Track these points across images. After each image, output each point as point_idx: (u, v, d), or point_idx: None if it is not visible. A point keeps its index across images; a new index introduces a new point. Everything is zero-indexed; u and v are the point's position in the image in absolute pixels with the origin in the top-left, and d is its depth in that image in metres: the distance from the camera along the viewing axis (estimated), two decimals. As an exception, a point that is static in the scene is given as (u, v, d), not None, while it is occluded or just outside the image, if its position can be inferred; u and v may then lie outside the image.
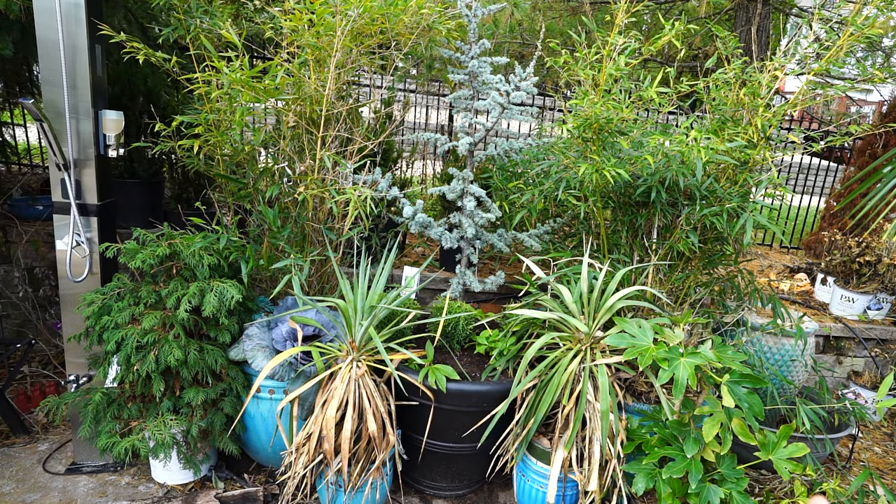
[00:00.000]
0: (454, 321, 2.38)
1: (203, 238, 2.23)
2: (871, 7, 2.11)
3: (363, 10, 2.14)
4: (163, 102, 3.31)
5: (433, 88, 5.34)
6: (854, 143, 4.92)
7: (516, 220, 2.58)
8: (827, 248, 3.82)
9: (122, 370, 2.11)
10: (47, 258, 3.22)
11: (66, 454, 2.44)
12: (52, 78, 2.03)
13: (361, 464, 2.03)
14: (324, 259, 2.56)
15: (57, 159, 2.07)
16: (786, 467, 1.87)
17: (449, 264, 3.27)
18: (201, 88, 2.23)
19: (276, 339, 2.26)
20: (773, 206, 2.30)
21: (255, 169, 2.49)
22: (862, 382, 3.41)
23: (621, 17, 2.17)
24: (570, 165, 2.29)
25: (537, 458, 2.21)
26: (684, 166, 2.07)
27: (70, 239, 2.15)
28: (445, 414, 2.19)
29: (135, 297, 2.17)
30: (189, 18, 2.25)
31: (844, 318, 3.62)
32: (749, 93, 2.20)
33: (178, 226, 2.46)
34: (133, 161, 3.32)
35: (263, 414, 2.27)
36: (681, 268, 2.47)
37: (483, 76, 2.61)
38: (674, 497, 1.89)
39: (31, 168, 4.39)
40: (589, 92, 2.21)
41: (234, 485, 2.33)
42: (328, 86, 2.28)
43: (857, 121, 5.37)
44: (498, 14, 5.00)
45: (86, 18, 2.01)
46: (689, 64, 5.27)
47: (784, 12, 5.48)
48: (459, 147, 2.56)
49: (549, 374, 2.07)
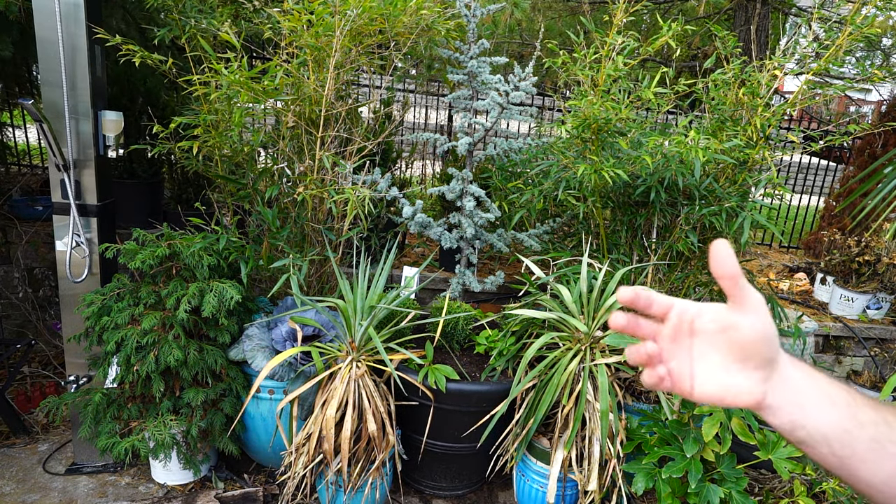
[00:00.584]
0: (454, 321, 2.38)
1: (203, 238, 2.23)
2: (869, 6, 2.11)
3: (362, 10, 2.14)
4: (162, 103, 3.31)
5: (432, 88, 5.34)
6: (853, 142, 4.92)
7: (515, 220, 2.58)
8: (826, 247, 3.82)
9: (122, 371, 2.11)
10: (47, 259, 3.22)
11: (66, 454, 2.45)
12: (52, 78, 2.03)
13: (361, 464, 2.03)
14: (323, 259, 2.56)
15: (56, 160, 2.07)
16: (785, 467, 1.87)
17: (448, 264, 3.27)
18: (200, 90, 2.23)
19: (275, 340, 2.26)
20: (773, 206, 2.30)
21: (255, 169, 2.49)
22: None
23: (620, 17, 2.17)
24: (569, 165, 2.29)
25: (537, 457, 2.21)
26: (683, 166, 2.07)
27: (70, 239, 2.15)
28: (445, 414, 2.19)
29: (134, 297, 2.17)
30: (184, 18, 2.25)
31: (844, 318, 3.62)
32: (748, 92, 2.20)
33: (178, 226, 2.46)
34: (132, 161, 3.32)
35: (263, 414, 2.27)
36: (680, 267, 2.48)
37: (482, 76, 2.61)
38: (673, 497, 1.89)
39: (31, 169, 4.39)
40: (587, 92, 2.21)
41: (234, 485, 2.34)
42: (327, 86, 2.28)
43: (856, 120, 5.37)
44: (497, 14, 5.01)
45: (85, 19, 2.01)
46: (688, 64, 5.28)
47: (783, 12, 5.49)
48: (459, 147, 2.56)
49: (549, 374, 2.07)
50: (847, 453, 0.51)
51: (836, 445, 0.52)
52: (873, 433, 0.51)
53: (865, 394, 0.53)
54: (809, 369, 0.55)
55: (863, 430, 0.51)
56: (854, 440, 0.51)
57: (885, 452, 0.51)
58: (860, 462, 0.51)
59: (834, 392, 0.53)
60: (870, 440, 0.51)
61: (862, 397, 0.54)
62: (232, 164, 2.48)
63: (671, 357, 0.57)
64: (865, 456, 0.51)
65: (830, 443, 0.52)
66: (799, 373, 0.54)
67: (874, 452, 0.51)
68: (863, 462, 0.51)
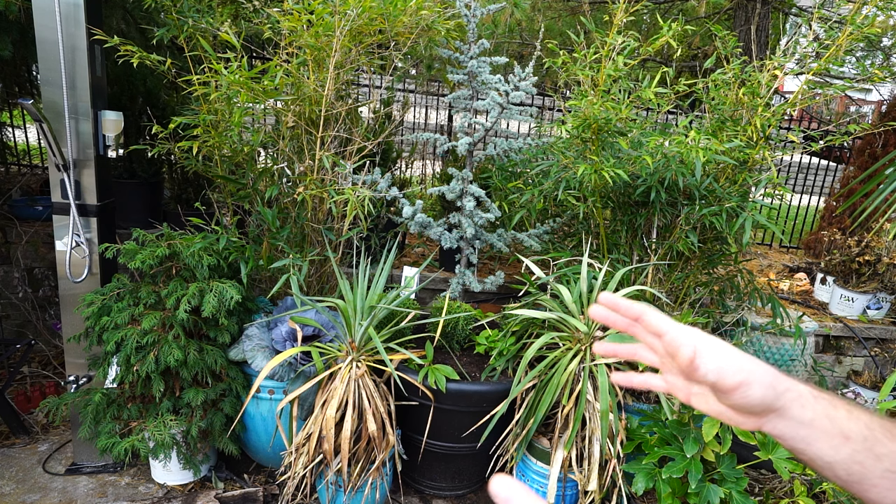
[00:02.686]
0: (454, 321, 2.38)
1: (202, 238, 2.23)
2: (870, 6, 2.11)
3: (362, 10, 2.14)
4: (162, 103, 3.31)
5: (432, 88, 5.34)
6: (853, 142, 4.92)
7: (515, 220, 2.58)
8: (826, 247, 3.82)
9: (122, 371, 2.11)
10: (47, 259, 3.22)
11: (65, 455, 2.44)
12: (52, 78, 2.03)
13: (361, 464, 2.03)
14: (323, 259, 2.56)
15: (56, 160, 2.07)
16: (785, 467, 1.87)
17: (448, 264, 3.27)
18: (200, 90, 2.23)
19: (275, 340, 2.26)
20: (773, 206, 2.30)
21: (254, 169, 2.49)
22: (862, 382, 3.41)
23: (620, 17, 2.17)
24: (569, 165, 2.29)
25: (537, 457, 2.21)
26: (683, 166, 2.07)
27: (69, 239, 2.15)
28: (445, 414, 2.19)
29: (134, 297, 2.17)
30: (182, 18, 2.25)
31: (844, 318, 3.62)
32: (748, 92, 2.20)
33: (178, 226, 2.46)
34: (132, 161, 3.32)
35: (263, 414, 2.27)
36: (680, 267, 2.47)
37: (482, 76, 2.61)
38: (673, 497, 1.89)
39: (31, 169, 4.39)
40: (588, 92, 2.21)
41: (234, 485, 2.33)
42: (327, 86, 2.28)
43: (856, 120, 5.37)
44: (497, 14, 5.01)
45: (85, 19, 2.01)
46: (688, 63, 5.27)
47: (783, 12, 5.49)
48: (459, 147, 2.56)
49: (549, 374, 2.07)
50: (856, 479, 0.51)
51: (841, 473, 0.51)
52: (889, 465, 0.50)
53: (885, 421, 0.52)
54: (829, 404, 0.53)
55: (879, 462, 0.50)
56: (866, 471, 0.50)
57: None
58: (871, 486, 0.50)
59: (852, 427, 0.52)
60: (884, 471, 0.50)
61: (883, 427, 0.52)
62: (232, 164, 2.48)
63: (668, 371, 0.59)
64: (878, 482, 0.50)
65: (836, 471, 0.51)
66: (810, 413, 0.53)
67: (888, 480, 0.50)
68: (874, 486, 0.50)
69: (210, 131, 2.28)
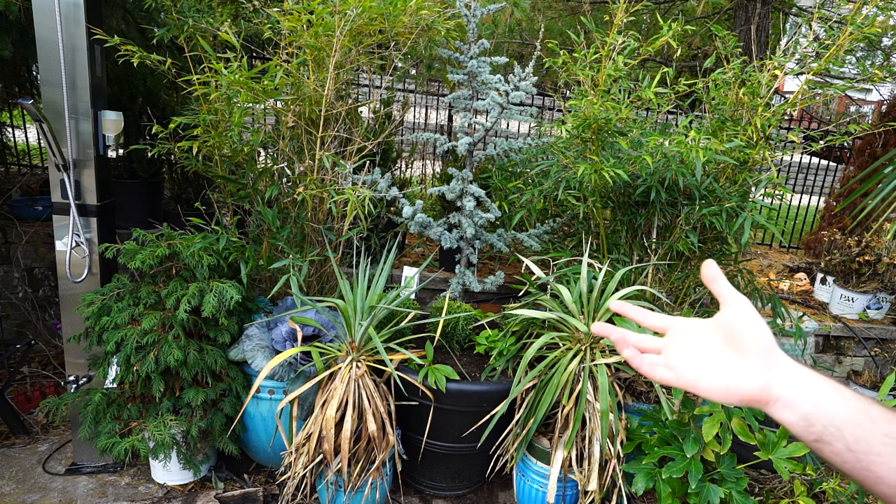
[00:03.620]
0: (454, 321, 2.38)
1: (203, 238, 2.23)
2: (870, 6, 2.11)
3: (362, 10, 2.14)
4: (162, 103, 3.31)
5: (432, 88, 5.34)
6: (853, 142, 4.92)
7: (516, 220, 2.58)
8: (826, 247, 3.82)
9: (122, 371, 2.11)
10: (47, 259, 3.22)
11: (65, 455, 2.44)
12: (52, 78, 2.03)
13: (361, 464, 2.03)
14: (323, 259, 2.56)
15: (56, 160, 2.07)
16: (785, 467, 1.87)
17: (448, 264, 3.27)
18: (200, 90, 2.23)
19: (275, 340, 2.26)
20: (773, 206, 2.30)
21: (254, 169, 2.49)
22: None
23: (620, 17, 2.17)
24: (569, 165, 2.29)
25: (537, 457, 2.21)
26: (683, 166, 2.07)
27: (69, 239, 2.15)
28: (445, 414, 2.19)
29: (134, 297, 2.17)
30: (182, 18, 2.25)
31: (844, 318, 3.62)
32: (748, 92, 2.20)
33: (178, 226, 2.46)
34: (132, 161, 3.32)
35: (263, 414, 2.27)
36: (680, 267, 2.47)
37: (482, 76, 2.61)
38: (674, 497, 1.89)
39: (31, 169, 4.39)
40: (588, 92, 2.21)
41: (234, 485, 2.33)
42: (327, 86, 2.28)
43: (856, 120, 5.37)
44: (497, 14, 5.01)
45: (85, 19, 2.01)
46: (688, 63, 5.27)
47: (783, 11, 5.49)
48: (459, 147, 2.56)
49: (549, 374, 2.07)
50: (863, 448, 0.52)
51: (850, 439, 0.52)
52: (886, 429, 0.52)
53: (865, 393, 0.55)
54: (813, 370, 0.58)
55: (875, 425, 0.52)
56: (868, 433, 0.52)
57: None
58: (877, 456, 0.51)
59: (841, 388, 0.55)
60: (883, 435, 0.51)
61: (868, 397, 0.55)
62: (232, 164, 2.48)
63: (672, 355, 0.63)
64: (881, 450, 0.51)
65: (845, 436, 0.52)
66: (805, 368, 0.57)
67: (889, 447, 0.51)
68: (879, 456, 0.51)
69: (210, 131, 2.28)
